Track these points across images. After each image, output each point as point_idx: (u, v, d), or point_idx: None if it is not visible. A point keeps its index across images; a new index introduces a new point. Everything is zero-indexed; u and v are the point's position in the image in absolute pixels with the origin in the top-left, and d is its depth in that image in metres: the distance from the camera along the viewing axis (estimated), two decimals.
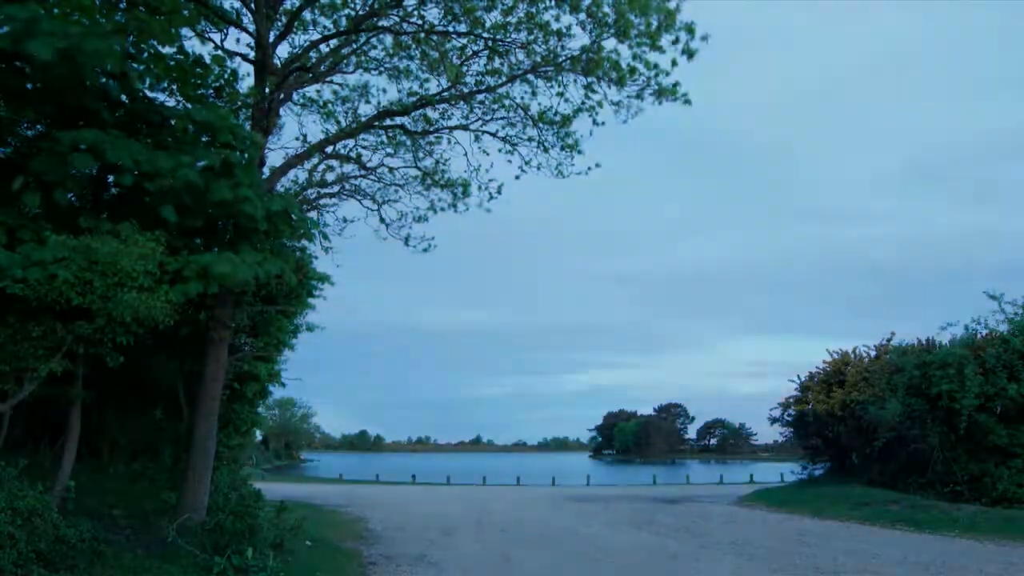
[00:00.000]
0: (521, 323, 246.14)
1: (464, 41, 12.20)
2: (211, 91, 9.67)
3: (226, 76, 9.59)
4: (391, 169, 14.90)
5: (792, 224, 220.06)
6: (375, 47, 13.15)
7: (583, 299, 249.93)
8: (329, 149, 13.96)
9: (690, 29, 10.95)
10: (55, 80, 7.04)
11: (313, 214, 15.17)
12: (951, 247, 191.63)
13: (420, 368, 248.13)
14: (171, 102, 9.28)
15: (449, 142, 14.41)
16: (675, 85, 11.85)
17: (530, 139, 13.56)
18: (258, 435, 33.88)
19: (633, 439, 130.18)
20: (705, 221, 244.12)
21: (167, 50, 8.63)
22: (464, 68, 12.61)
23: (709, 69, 13.76)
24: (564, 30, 11.57)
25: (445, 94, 13.08)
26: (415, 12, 11.60)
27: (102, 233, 7.11)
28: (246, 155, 8.91)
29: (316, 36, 12.21)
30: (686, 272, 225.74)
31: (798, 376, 26.62)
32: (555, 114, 13.02)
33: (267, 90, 10.69)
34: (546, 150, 13.47)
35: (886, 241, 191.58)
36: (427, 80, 13.44)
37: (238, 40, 11.54)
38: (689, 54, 11.08)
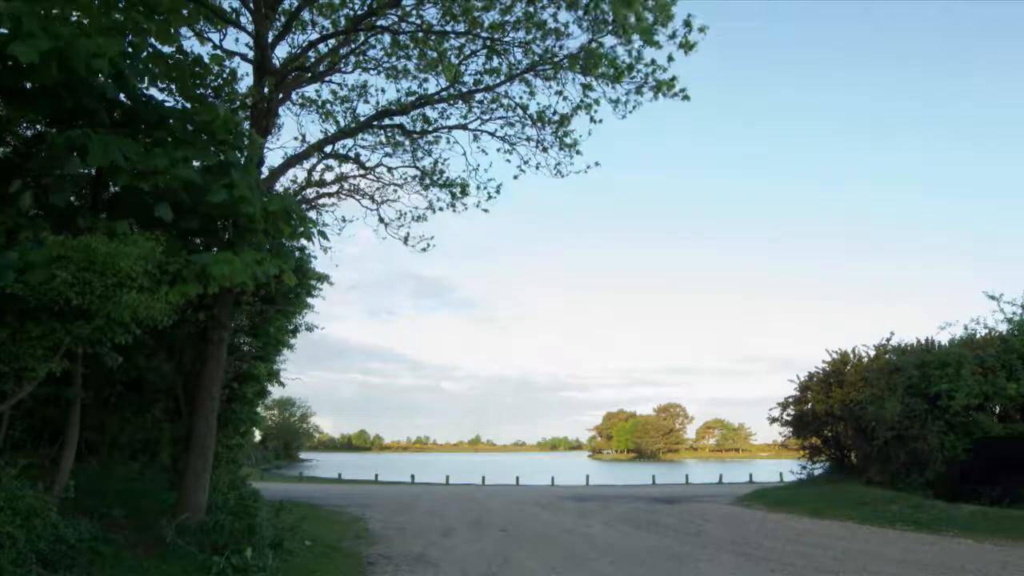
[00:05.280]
0: None
1: (462, 40, 12.21)
2: (210, 91, 9.66)
3: (225, 76, 9.58)
4: (390, 169, 14.95)
5: None
6: (373, 47, 13.18)
7: None
8: (328, 149, 13.99)
9: (687, 23, 10.95)
10: (46, 80, 6.96)
11: (312, 213, 15.22)
12: None
13: None
14: (170, 102, 9.27)
15: (448, 142, 14.46)
16: (673, 79, 11.85)
17: (528, 139, 13.57)
18: (257, 435, 33.93)
19: (632, 439, 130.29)
20: None
21: (166, 49, 8.62)
22: (463, 67, 12.64)
23: None
24: (562, 28, 11.58)
25: (444, 93, 13.11)
26: (413, 12, 11.61)
27: (100, 232, 7.07)
28: (245, 154, 8.91)
29: (315, 36, 12.24)
30: None
31: (797, 376, 26.70)
32: (553, 112, 13.03)
33: (266, 90, 10.68)
34: (545, 149, 13.49)
35: None
36: (426, 80, 13.48)
37: (237, 40, 11.56)
38: (687, 48, 11.06)
